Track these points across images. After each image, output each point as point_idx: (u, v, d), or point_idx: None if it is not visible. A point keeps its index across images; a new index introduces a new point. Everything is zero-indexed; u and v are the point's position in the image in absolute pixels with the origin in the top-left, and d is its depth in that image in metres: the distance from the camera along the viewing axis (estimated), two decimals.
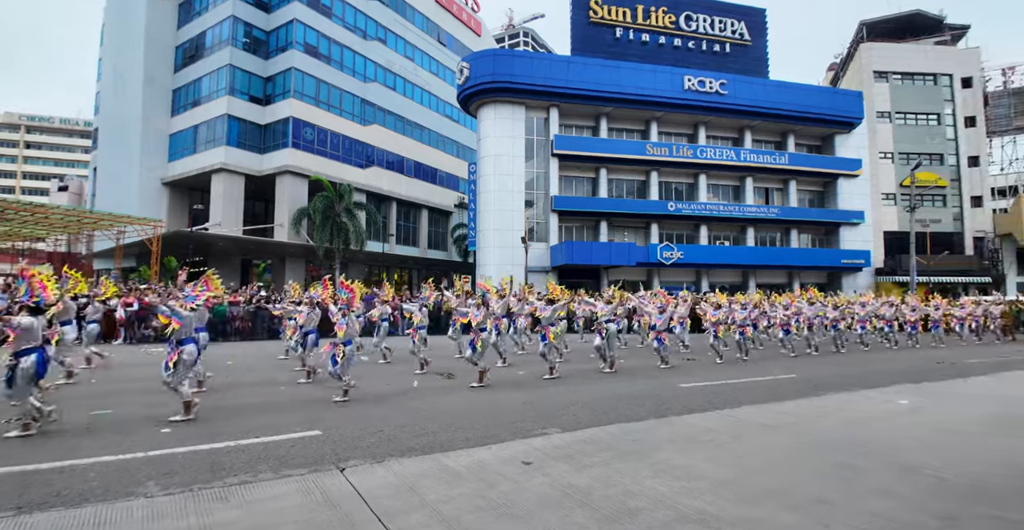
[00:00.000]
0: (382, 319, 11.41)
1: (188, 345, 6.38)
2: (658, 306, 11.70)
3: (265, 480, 4.14)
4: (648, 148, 30.47)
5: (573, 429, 5.73)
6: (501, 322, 13.23)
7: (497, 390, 8.37)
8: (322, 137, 31.75)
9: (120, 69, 34.01)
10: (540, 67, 29.41)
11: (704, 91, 30.63)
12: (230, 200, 29.65)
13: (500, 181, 28.79)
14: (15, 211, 23.69)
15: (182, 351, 6.29)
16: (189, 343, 6.40)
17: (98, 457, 4.72)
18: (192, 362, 6.48)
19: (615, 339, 11.15)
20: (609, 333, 10.46)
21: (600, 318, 10.68)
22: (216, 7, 31.36)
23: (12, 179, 75.41)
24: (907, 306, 17.99)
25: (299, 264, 30.99)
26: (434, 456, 4.75)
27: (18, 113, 77.70)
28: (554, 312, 9.98)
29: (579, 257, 27.52)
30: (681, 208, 30.84)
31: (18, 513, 3.52)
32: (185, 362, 6.30)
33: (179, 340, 6.31)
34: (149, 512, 3.54)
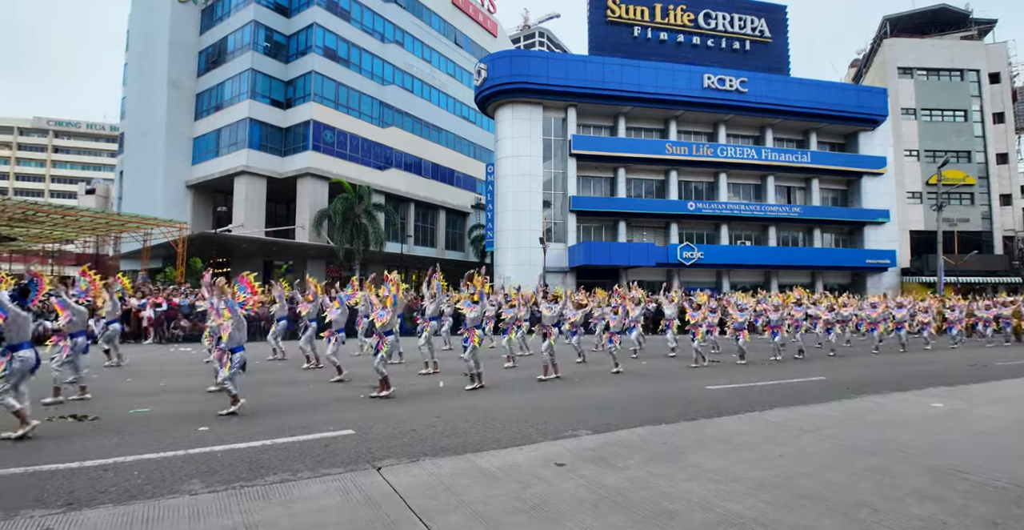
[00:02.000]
0: (311, 319, 10.86)
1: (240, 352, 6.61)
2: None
3: (304, 479, 4.21)
4: (667, 147, 30.28)
5: (603, 431, 5.73)
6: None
7: (522, 391, 8.40)
8: (342, 140, 32.12)
9: (145, 74, 34.79)
10: (557, 67, 29.42)
11: (724, 89, 30.33)
12: (253, 202, 30.16)
13: (518, 182, 28.84)
14: (46, 214, 24.32)
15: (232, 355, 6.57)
16: (240, 351, 6.57)
17: (140, 455, 4.84)
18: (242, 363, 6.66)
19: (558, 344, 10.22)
20: (554, 337, 9.72)
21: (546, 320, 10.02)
22: (238, 12, 31.92)
23: (41, 183, 77.57)
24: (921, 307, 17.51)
25: (320, 265, 31.40)
26: (466, 456, 4.79)
27: (46, 118, 79.89)
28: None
29: (598, 257, 27.45)
30: (701, 208, 30.59)
31: (68, 509, 3.62)
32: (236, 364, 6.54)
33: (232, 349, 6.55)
34: (194, 510, 3.62)
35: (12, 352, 5.42)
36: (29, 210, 23.13)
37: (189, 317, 15.58)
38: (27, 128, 78.77)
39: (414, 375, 9.95)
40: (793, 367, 11.72)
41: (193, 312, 15.22)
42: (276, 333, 11.71)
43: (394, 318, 8.02)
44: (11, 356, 5.39)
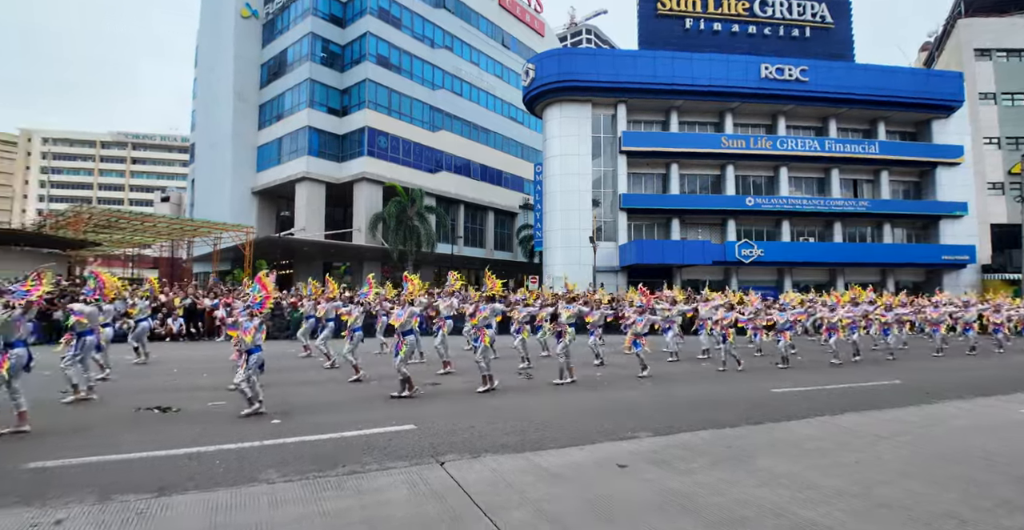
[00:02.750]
0: (328, 319, 10.78)
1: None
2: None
3: (372, 471, 4.37)
4: (723, 141, 29.30)
5: (664, 433, 5.63)
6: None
7: (577, 391, 8.36)
8: (394, 144, 32.98)
9: (212, 88, 36.93)
10: (606, 63, 29.04)
11: (783, 79, 29.06)
12: (313, 207, 31.45)
13: (566, 181, 28.69)
14: (127, 221, 26.27)
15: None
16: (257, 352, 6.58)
17: (220, 445, 5.15)
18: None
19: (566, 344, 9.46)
20: (569, 338, 9.19)
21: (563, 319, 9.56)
22: (296, 25, 33.35)
23: (121, 192, 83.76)
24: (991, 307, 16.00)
25: (375, 266, 32.33)
26: (526, 455, 4.82)
27: (125, 132, 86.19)
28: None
29: (650, 256, 26.91)
30: (760, 203, 29.42)
31: (159, 494, 3.90)
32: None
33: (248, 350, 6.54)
34: (273, 498, 3.83)
35: (8, 349, 5.57)
36: (112, 217, 25.06)
37: None
38: (108, 142, 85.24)
39: (466, 372, 10.07)
40: (863, 370, 11.09)
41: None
42: (305, 332, 11.92)
43: (411, 318, 7.83)
44: (6, 353, 5.54)
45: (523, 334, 11.04)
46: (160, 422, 6.09)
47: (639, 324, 9.85)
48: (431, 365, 10.81)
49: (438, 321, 10.93)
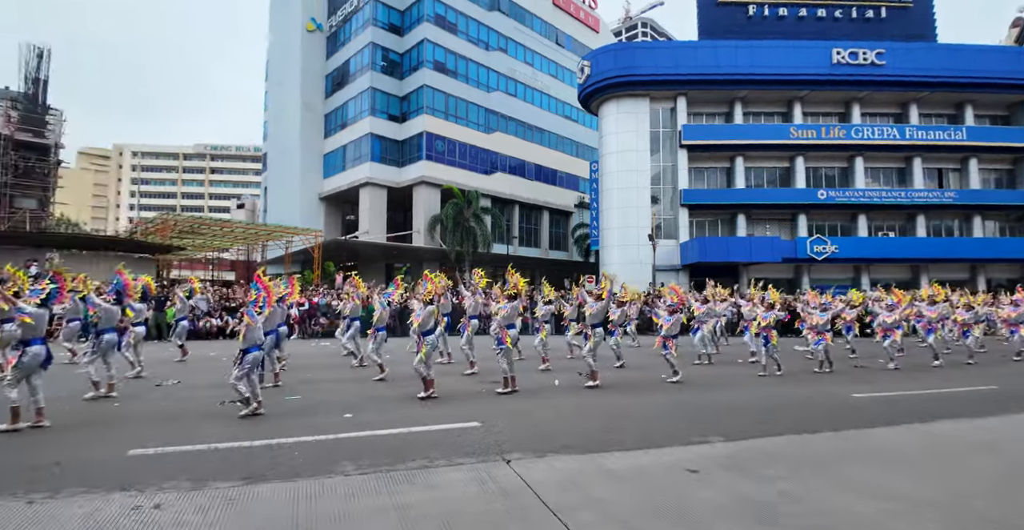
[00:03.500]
0: (354, 317, 10.74)
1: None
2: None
3: (441, 466, 4.47)
4: (792, 131, 27.90)
5: (737, 438, 5.41)
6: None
7: (640, 392, 8.21)
8: (451, 148, 33.62)
9: (282, 100, 39.01)
10: (665, 56, 28.36)
11: (857, 63, 27.29)
12: (375, 210, 32.62)
13: (623, 177, 28.20)
14: (207, 227, 28.24)
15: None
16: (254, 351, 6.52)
17: (298, 437, 5.43)
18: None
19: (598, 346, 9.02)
20: (596, 339, 8.76)
21: (589, 319, 8.97)
22: (358, 36, 34.67)
23: (201, 199, 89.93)
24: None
25: (434, 267, 33.01)
26: (591, 456, 4.79)
27: (205, 144, 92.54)
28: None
29: (714, 254, 26.01)
30: (834, 196, 27.78)
31: (245, 483, 4.15)
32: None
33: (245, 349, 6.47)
34: (349, 489, 3.99)
35: (24, 347, 5.73)
36: (194, 224, 27.04)
37: (326, 315, 17.23)
38: (190, 153, 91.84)
39: (532, 371, 10.11)
40: (952, 375, 10.23)
41: (330, 311, 16.80)
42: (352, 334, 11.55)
43: (431, 318, 7.66)
44: (23, 350, 5.69)
45: (542, 333, 10.73)
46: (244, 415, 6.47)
47: (667, 324, 9.23)
48: (457, 365, 10.82)
49: (463, 321, 10.69)
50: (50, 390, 7.15)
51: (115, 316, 7.82)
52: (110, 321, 7.65)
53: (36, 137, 25.09)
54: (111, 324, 7.65)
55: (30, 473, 4.25)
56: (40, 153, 25.14)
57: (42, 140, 25.27)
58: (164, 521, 3.40)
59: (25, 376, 5.70)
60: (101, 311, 7.64)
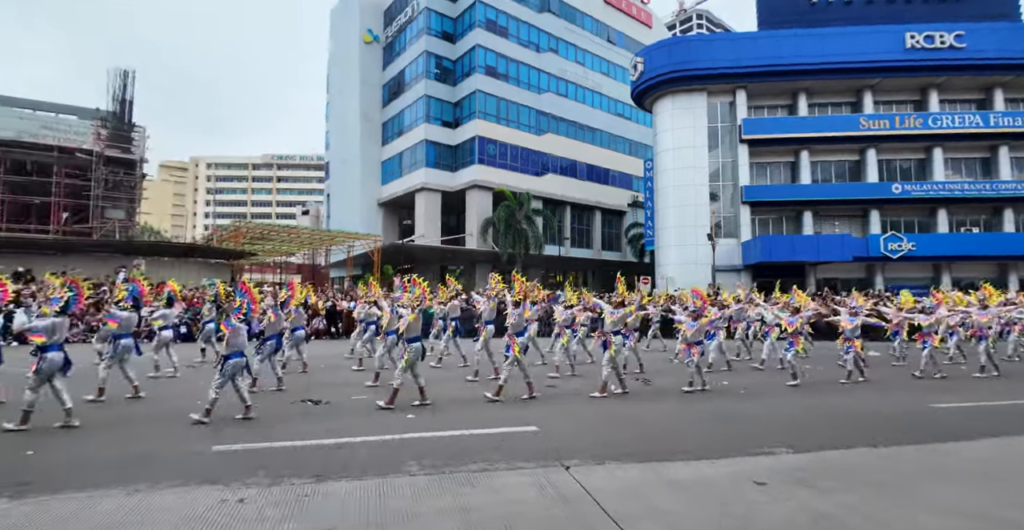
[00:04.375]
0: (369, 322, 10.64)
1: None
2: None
3: (501, 470, 4.56)
4: (862, 122, 26.34)
5: (807, 450, 5.19)
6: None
7: (700, 400, 7.99)
8: (503, 151, 33.93)
9: (342, 110, 40.66)
10: (722, 48, 27.43)
11: (933, 47, 25.40)
12: (430, 215, 33.42)
13: (680, 175, 27.50)
14: (276, 233, 29.88)
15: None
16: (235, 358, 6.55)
17: (366, 437, 5.68)
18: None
19: (621, 355, 8.63)
20: (616, 348, 8.30)
21: (608, 326, 8.51)
22: (412, 46, 35.63)
23: (269, 206, 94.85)
24: None
25: (486, 269, 33.46)
26: (652, 465, 4.73)
27: (272, 154, 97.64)
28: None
29: (778, 253, 24.90)
30: (910, 190, 25.99)
31: (318, 480, 4.38)
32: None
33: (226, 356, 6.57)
34: (415, 489, 4.15)
35: (42, 353, 5.99)
36: (264, 231, 28.66)
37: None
38: (258, 163, 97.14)
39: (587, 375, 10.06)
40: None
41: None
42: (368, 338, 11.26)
43: (417, 324, 7.39)
44: (41, 356, 5.97)
45: (562, 339, 10.28)
46: (313, 413, 6.83)
47: (690, 331, 8.68)
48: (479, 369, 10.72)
49: (478, 326, 10.42)
50: (161, 390, 7.78)
51: (132, 322, 8.06)
52: (128, 327, 7.91)
53: (123, 153, 27.22)
54: (128, 330, 7.89)
55: (130, 465, 4.67)
56: (127, 167, 27.28)
57: (128, 156, 27.41)
58: (247, 515, 3.65)
59: (46, 380, 5.96)
60: (119, 317, 7.92)
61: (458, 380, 9.54)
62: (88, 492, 4.01)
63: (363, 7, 38.60)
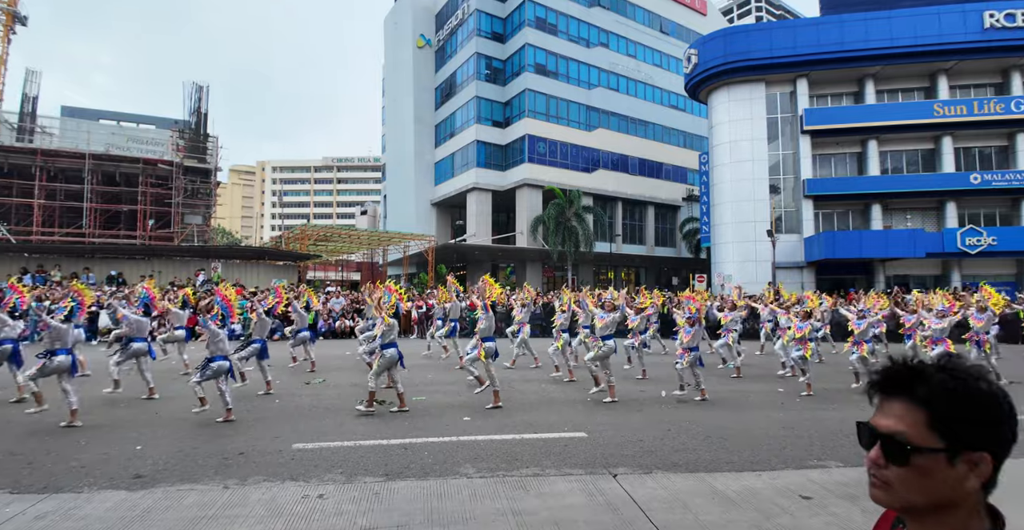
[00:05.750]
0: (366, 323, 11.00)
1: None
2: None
3: (551, 475, 4.85)
4: (936, 108, 24.69)
5: (857, 464, 5.16)
6: None
7: (749, 409, 7.96)
8: (552, 149, 34.01)
9: (397, 114, 41.92)
10: (782, 36, 26.35)
11: (1016, 26, 23.46)
12: (481, 214, 34.01)
13: (737, 169, 26.70)
14: (338, 234, 31.30)
15: None
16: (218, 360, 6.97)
17: (427, 438, 6.11)
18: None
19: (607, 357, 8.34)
20: (605, 350, 8.16)
21: (598, 331, 8.34)
22: (463, 48, 36.25)
23: (330, 207, 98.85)
24: None
25: (537, 267, 33.75)
26: (699, 475, 4.87)
27: (332, 157, 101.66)
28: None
29: (843, 249, 23.78)
30: (990, 180, 24.17)
31: (386, 479, 4.81)
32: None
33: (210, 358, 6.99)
34: (472, 491, 4.50)
35: (51, 356, 6.64)
36: (327, 233, 30.10)
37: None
38: (319, 166, 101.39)
39: (629, 380, 10.18)
40: None
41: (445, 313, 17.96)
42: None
43: (392, 331, 7.47)
44: (49, 359, 6.63)
45: (558, 342, 10.29)
46: (378, 414, 7.34)
47: (687, 336, 8.44)
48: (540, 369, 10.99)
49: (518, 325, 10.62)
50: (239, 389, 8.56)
51: (144, 327, 8.49)
52: (139, 331, 8.31)
53: (200, 162, 29.26)
54: (141, 334, 8.31)
55: (223, 461, 5.28)
56: (203, 176, 29.32)
57: (204, 165, 29.43)
58: (327, 509, 4.12)
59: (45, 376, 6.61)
60: (131, 321, 8.40)
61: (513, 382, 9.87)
62: (189, 485, 4.61)
63: (415, 12, 39.58)
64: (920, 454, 0.84)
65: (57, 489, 4.48)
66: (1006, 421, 0.84)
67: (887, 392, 0.90)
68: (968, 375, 0.85)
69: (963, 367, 0.86)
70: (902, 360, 0.90)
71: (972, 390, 0.84)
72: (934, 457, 0.83)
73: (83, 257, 21.58)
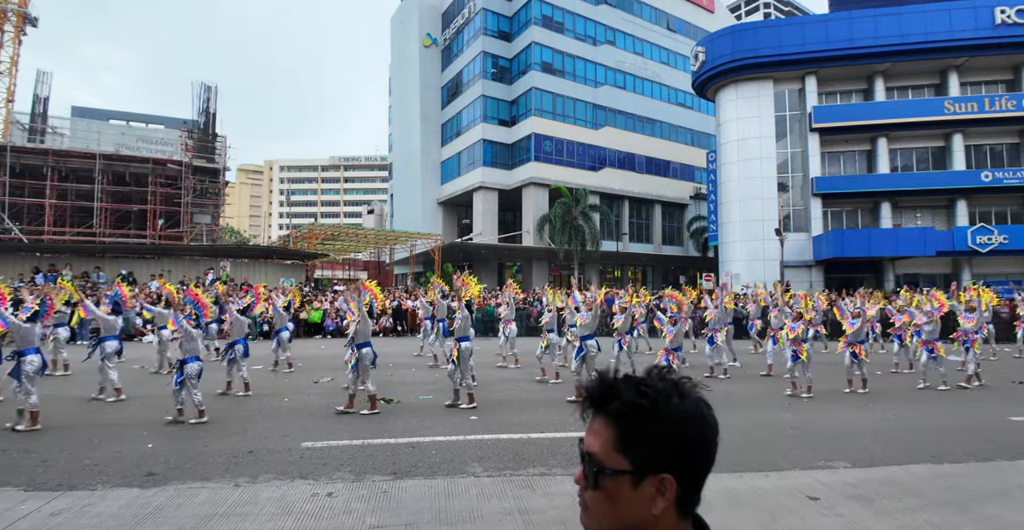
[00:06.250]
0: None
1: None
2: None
3: (558, 475, 4.86)
4: (946, 105, 24.42)
5: (865, 465, 5.16)
6: None
7: (756, 409, 7.93)
8: (559, 147, 33.95)
9: (404, 113, 41.98)
10: (790, 33, 26.14)
11: None
12: (488, 213, 34.03)
13: (745, 167, 26.54)
14: (345, 233, 31.44)
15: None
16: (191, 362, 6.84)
17: (434, 437, 6.14)
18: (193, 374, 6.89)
19: (593, 360, 8.17)
20: (588, 353, 7.99)
21: (577, 329, 8.20)
22: (469, 47, 36.22)
23: (337, 206, 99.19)
24: None
25: (543, 266, 33.73)
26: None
27: (339, 156, 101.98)
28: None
29: (852, 248, 23.59)
30: (1002, 177, 23.89)
31: (394, 478, 4.85)
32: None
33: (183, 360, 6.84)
34: (479, 490, 4.53)
35: (20, 357, 6.49)
36: (334, 232, 30.23)
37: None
38: (326, 165, 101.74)
39: None
40: None
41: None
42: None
43: (367, 328, 7.45)
44: (19, 360, 6.48)
45: (543, 342, 10.22)
46: (385, 412, 7.38)
47: (669, 336, 8.29)
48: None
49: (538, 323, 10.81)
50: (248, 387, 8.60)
51: (114, 325, 8.38)
52: (110, 330, 8.25)
53: (208, 162, 29.44)
54: (112, 332, 8.25)
55: (233, 460, 5.34)
56: (212, 176, 29.51)
57: (213, 165, 29.62)
58: (336, 507, 4.16)
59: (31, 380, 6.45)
60: (100, 321, 8.35)
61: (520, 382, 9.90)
62: (201, 483, 4.67)
63: (422, 11, 39.58)
64: (606, 476, 0.77)
65: (71, 487, 4.55)
66: (697, 442, 0.78)
67: (594, 407, 0.81)
68: (659, 391, 0.78)
69: (657, 382, 0.80)
70: (606, 373, 0.83)
71: (659, 408, 0.77)
72: (619, 480, 0.77)
73: (94, 256, 21.80)
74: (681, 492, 0.77)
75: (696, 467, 0.79)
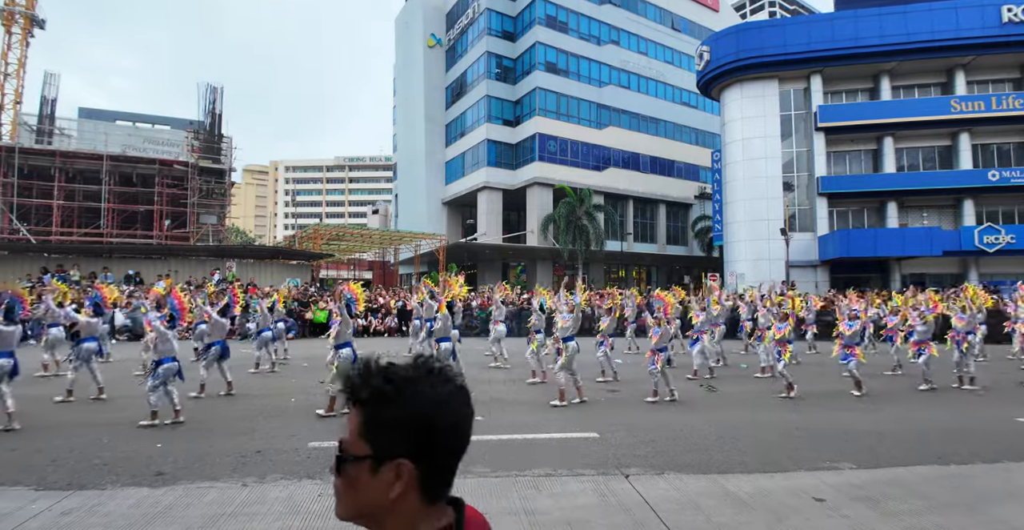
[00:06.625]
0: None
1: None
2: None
3: (564, 476, 4.88)
4: (953, 104, 24.29)
5: (871, 466, 5.15)
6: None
7: (761, 410, 7.91)
8: (563, 147, 33.94)
9: (408, 113, 42.06)
10: (796, 32, 26.06)
11: None
12: (492, 213, 34.05)
13: (750, 167, 26.47)
14: (350, 234, 31.52)
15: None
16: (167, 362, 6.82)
17: None
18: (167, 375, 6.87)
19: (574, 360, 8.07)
20: (569, 353, 7.90)
21: (558, 331, 8.12)
22: (473, 47, 36.27)
23: (342, 206, 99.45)
24: None
25: (547, 266, 33.74)
26: (712, 477, 4.88)
27: (344, 156, 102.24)
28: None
29: (858, 248, 23.50)
30: (1009, 176, 23.76)
31: None
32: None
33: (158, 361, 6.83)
34: (488, 490, 4.54)
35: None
36: (339, 232, 30.33)
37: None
38: (331, 165, 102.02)
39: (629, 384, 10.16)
40: None
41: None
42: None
43: (348, 329, 7.43)
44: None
45: (532, 345, 10.10)
46: None
47: (655, 337, 8.21)
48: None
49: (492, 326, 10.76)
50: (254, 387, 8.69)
51: (95, 328, 8.48)
52: (90, 332, 8.33)
53: (215, 163, 29.58)
54: (91, 334, 8.32)
55: (241, 459, 5.38)
56: (218, 176, 29.66)
57: (219, 166, 29.76)
58: None
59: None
60: (81, 323, 8.36)
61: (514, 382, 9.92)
62: (209, 482, 4.71)
63: (426, 12, 39.65)
64: (347, 463, 0.79)
65: (81, 486, 4.60)
66: (443, 429, 0.79)
67: (352, 396, 0.82)
68: (405, 378, 0.79)
69: (407, 370, 0.81)
70: (368, 363, 0.83)
71: (403, 393, 0.78)
72: (360, 466, 0.78)
73: (101, 257, 21.96)
74: (423, 477, 0.78)
75: (441, 452, 0.80)
